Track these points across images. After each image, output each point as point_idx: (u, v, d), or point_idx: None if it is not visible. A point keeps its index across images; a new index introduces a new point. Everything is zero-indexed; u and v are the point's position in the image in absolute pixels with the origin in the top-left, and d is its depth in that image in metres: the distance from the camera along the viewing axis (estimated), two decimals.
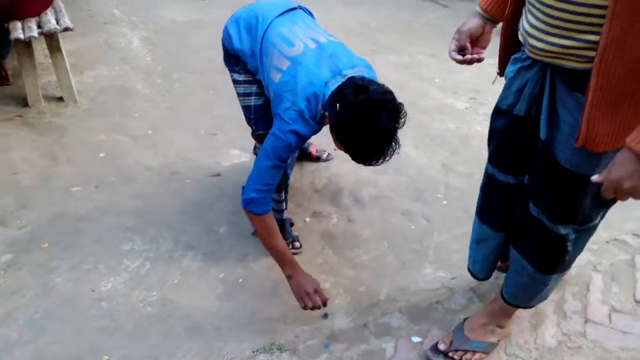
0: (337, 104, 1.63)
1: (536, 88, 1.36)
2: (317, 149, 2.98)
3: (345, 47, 1.92)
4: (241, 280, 2.19)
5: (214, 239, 2.40)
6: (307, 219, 2.52)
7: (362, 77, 1.70)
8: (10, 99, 3.56)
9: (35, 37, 3.15)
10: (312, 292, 1.82)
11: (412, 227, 2.46)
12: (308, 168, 2.91)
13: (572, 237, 1.46)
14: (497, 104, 1.52)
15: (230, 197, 2.67)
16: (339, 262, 2.28)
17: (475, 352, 1.80)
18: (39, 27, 3.26)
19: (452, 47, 1.57)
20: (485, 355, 1.81)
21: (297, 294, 1.87)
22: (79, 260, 2.25)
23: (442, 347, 1.81)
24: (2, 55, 3.60)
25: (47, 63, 3.94)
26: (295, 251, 2.28)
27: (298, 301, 1.87)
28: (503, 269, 2.04)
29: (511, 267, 1.69)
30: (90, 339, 1.91)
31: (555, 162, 1.35)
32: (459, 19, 4.46)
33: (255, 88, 2.09)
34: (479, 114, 3.53)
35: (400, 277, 2.21)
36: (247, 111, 2.18)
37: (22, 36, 3.12)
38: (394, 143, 1.63)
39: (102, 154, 3.01)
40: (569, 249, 1.49)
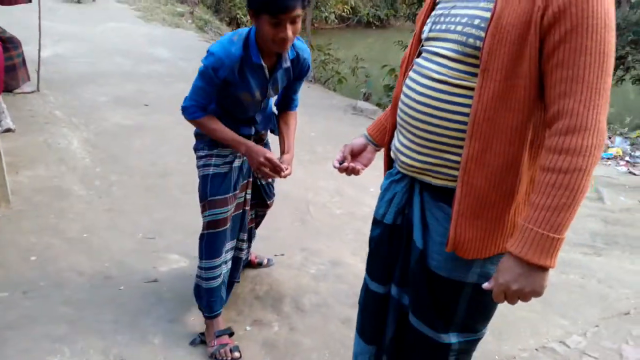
0: None
1: (403, 200, 1.48)
2: (257, 255, 3.00)
3: None
4: None
5: (148, 350, 2.30)
6: (248, 327, 2.48)
7: None
8: None
9: None
10: (264, 160, 2.06)
11: (351, 336, 2.47)
12: (249, 274, 2.90)
13: (456, 347, 1.45)
14: (373, 214, 1.63)
15: (167, 304, 2.60)
16: None
17: None
18: None
19: (337, 156, 1.74)
20: None
21: (255, 167, 2.11)
22: None
23: None
24: None
25: None
26: None
27: (257, 173, 2.14)
28: None
29: None
30: None
31: (429, 270, 1.41)
32: None
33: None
34: None
35: None
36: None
37: None
38: None
39: (33, 258, 2.89)
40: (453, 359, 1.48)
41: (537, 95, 1.18)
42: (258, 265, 2.97)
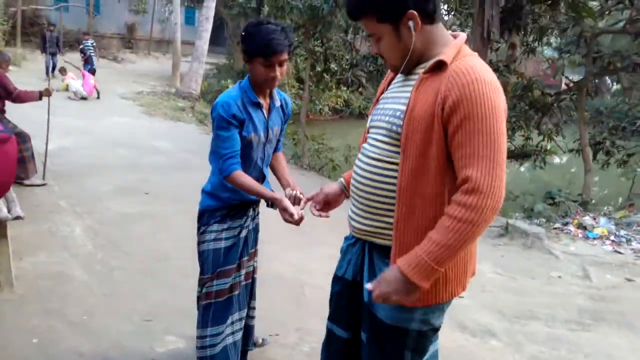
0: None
1: (359, 260, 1.74)
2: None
3: None
4: None
5: None
6: None
7: None
8: None
9: None
10: (289, 208, 2.19)
11: None
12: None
13: None
14: (334, 272, 1.87)
15: None
16: None
17: None
18: None
19: (314, 201, 1.99)
20: None
21: (281, 214, 2.24)
22: None
23: None
24: None
25: None
26: None
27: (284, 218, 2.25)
28: None
29: None
30: None
31: (377, 319, 1.62)
32: None
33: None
34: None
35: None
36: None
37: None
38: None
39: (35, 340, 2.97)
40: None
41: (446, 169, 1.46)
42: (253, 345, 3.05)
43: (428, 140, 1.45)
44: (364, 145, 1.69)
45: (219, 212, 2.43)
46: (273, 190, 2.38)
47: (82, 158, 7.50)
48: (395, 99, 1.60)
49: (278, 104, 2.49)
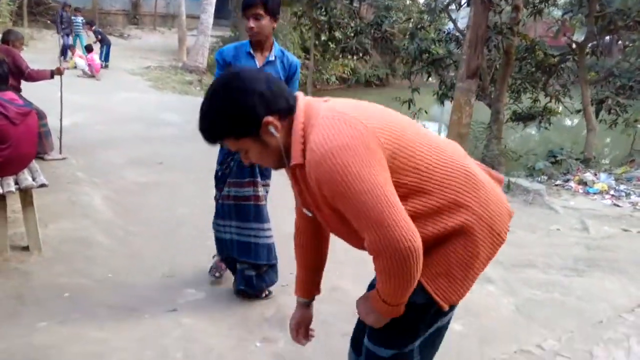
0: None
1: None
2: None
3: None
4: None
5: None
6: (258, 344, 2.80)
7: None
8: None
9: (13, 192, 3.54)
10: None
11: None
12: (257, 302, 3.24)
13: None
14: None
15: (186, 327, 2.93)
16: None
17: None
18: (16, 183, 3.66)
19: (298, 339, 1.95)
20: None
21: None
22: None
23: None
24: None
25: (13, 217, 4.25)
26: None
27: None
28: None
29: None
30: None
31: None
32: None
33: None
34: None
35: None
36: None
37: (0, 191, 3.50)
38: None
39: (66, 294, 3.25)
40: None
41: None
42: (266, 296, 3.32)
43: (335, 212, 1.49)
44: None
45: None
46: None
47: (95, 133, 7.73)
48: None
49: (272, 58, 2.99)
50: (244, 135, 1.46)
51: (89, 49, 13.21)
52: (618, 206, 5.61)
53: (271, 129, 1.44)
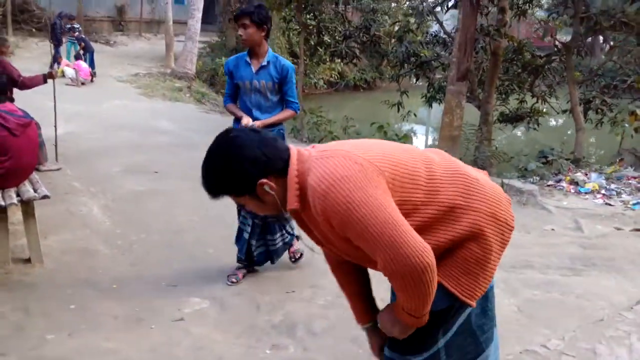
0: None
1: None
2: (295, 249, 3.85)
3: None
4: None
5: None
6: (267, 351, 2.83)
7: None
8: None
9: (16, 205, 3.54)
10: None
11: (360, 351, 2.82)
12: (264, 308, 3.27)
13: None
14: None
15: (194, 337, 2.96)
16: None
17: None
18: (18, 195, 3.66)
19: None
20: None
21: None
22: None
23: None
24: None
25: (12, 229, 4.24)
26: None
27: None
28: None
29: None
30: None
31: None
32: None
33: None
34: None
35: None
36: None
37: (2, 203, 3.49)
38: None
39: (72, 306, 3.25)
40: None
41: None
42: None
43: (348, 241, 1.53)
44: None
45: None
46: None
47: (88, 142, 7.70)
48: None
49: (265, 63, 3.47)
50: (242, 195, 1.58)
51: (77, 57, 13.11)
52: (610, 205, 5.71)
53: (266, 189, 1.53)
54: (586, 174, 6.71)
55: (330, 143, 1.66)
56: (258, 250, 3.64)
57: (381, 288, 1.88)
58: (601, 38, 17.65)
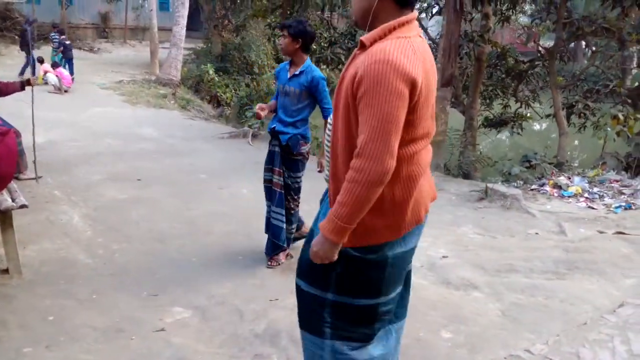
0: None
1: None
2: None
3: None
4: None
5: None
6: None
7: None
8: None
9: None
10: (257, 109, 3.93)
11: None
12: (247, 317, 3.22)
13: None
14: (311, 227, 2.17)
15: (175, 347, 2.90)
16: None
17: None
18: None
19: None
20: None
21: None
22: None
23: None
24: None
25: None
26: None
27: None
28: None
29: None
30: None
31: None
32: None
33: None
34: None
35: None
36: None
37: None
38: None
39: (51, 317, 3.18)
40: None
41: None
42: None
43: (347, 104, 1.74)
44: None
45: None
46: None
47: (70, 149, 7.60)
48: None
49: (297, 72, 3.82)
50: None
51: (54, 65, 12.98)
52: (593, 208, 5.75)
53: None
54: (569, 178, 6.76)
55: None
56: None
57: None
58: (583, 43, 17.90)
